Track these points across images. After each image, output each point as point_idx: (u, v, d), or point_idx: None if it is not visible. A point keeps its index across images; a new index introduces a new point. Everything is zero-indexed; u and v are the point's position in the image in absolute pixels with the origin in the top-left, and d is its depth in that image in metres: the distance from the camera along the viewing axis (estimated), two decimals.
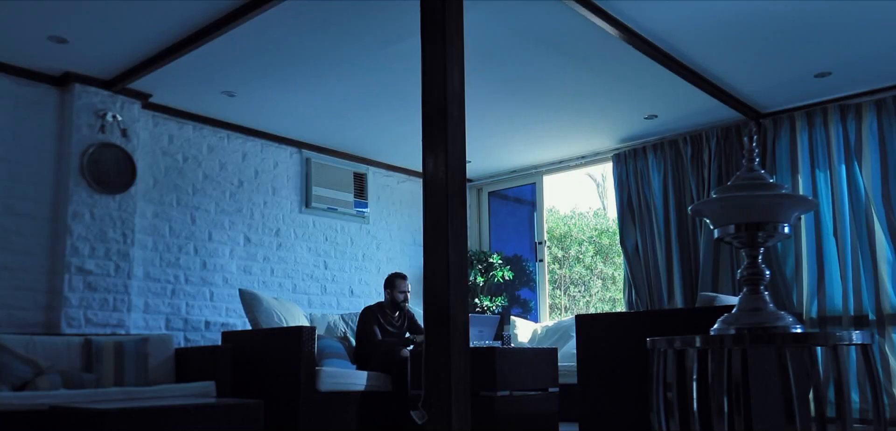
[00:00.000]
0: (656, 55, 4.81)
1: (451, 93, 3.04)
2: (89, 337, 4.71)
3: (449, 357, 2.86)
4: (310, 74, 5.18)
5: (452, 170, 2.99)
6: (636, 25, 4.48)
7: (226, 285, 5.98)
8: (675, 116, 6.10)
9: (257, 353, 4.94)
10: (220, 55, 4.85)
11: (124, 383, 4.57)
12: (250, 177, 6.29)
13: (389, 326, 5.53)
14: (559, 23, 4.42)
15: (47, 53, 4.77)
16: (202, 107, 5.79)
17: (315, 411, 4.61)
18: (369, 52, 4.81)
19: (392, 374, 5.09)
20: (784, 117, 5.88)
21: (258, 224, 6.29)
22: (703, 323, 3.41)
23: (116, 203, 5.22)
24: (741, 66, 5.10)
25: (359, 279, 7.05)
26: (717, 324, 1.84)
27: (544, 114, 6.09)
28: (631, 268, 6.62)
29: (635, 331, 3.67)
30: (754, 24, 4.47)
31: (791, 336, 1.67)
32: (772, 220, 1.83)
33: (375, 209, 7.29)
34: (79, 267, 4.99)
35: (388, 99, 5.68)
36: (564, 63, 5.04)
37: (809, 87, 5.45)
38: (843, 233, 5.50)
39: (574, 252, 10.76)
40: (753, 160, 1.97)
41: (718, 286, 6.00)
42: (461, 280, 2.94)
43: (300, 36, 4.59)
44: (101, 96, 5.20)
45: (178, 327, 5.66)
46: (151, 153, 5.65)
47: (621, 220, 6.74)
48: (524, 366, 4.55)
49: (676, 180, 6.43)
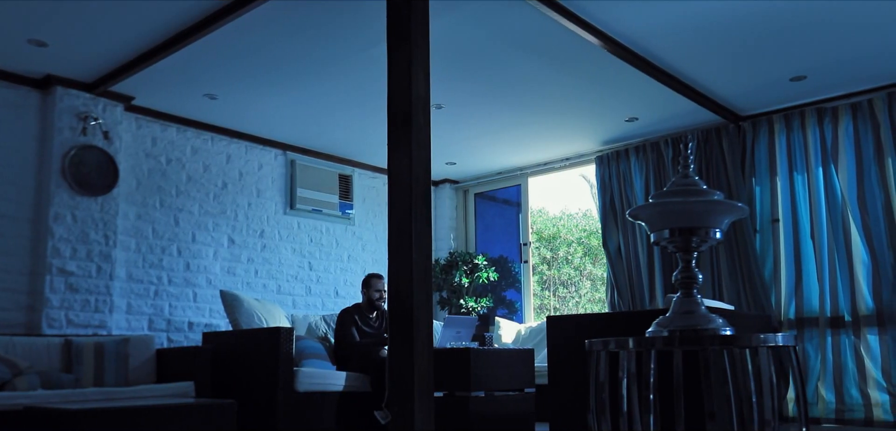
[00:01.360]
0: (632, 60, 4.86)
1: (415, 97, 3.08)
2: (69, 338, 4.75)
3: (412, 357, 2.90)
4: (292, 77, 5.22)
5: (416, 173, 3.03)
6: (611, 30, 4.53)
7: (209, 286, 6.02)
8: (656, 119, 6.15)
9: (236, 354, 4.98)
10: (202, 58, 4.89)
11: (104, 384, 4.61)
12: (235, 178, 6.33)
13: (367, 327, 5.58)
14: (536, 28, 4.47)
15: (28, 56, 4.81)
16: (185, 109, 5.83)
17: (293, 411, 4.65)
18: (346, 55, 4.85)
19: (370, 375, 5.13)
20: (763, 120, 5.93)
21: (242, 225, 6.34)
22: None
23: (98, 205, 5.26)
24: (719, 69, 5.14)
25: (344, 280, 7.09)
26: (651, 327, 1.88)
27: (528, 117, 6.14)
28: (613, 270, 6.67)
29: (605, 333, 3.71)
30: (729, 27, 4.51)
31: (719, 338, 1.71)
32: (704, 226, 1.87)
33: (361, 210, 7.34)
34: (60, 268, 5.03)
35: (371, 101, 5.72)
36: (545, 67, 5.09)
37: (786, 91, 5.50)
38: (820, 236, 5.55)
39: (563, 253, 10.80)
40: (688, 166, 2.02)
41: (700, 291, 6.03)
42: (425, 280, 2.98)
43: (280, 39, 4.63)
44: (83, 99, 5.24)
45: (161, 328, 5.70)
46: (134, 155, 5.69)
47: (604, 222, 6.78)
48: (500, 367, 4.59)
49: (658, 182, 6.47)
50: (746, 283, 5.78)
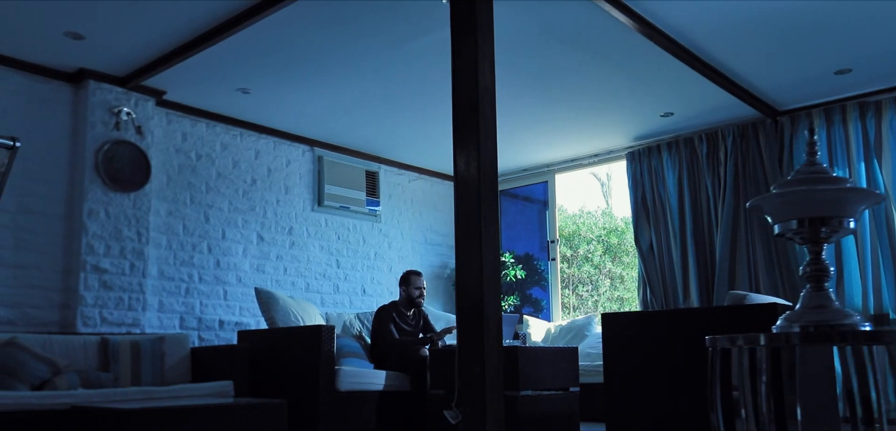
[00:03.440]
0: (675, 50, 4.77)
1: (482, 89, 2.99)
2: (106, 337, 4.66)
3: (483, 355, 2.82)
4: (325, 71, 5.14)
5: (484, 167, 2.95)
6: (655, 19, 4.44)
7: (239, 284, 5.93)
8: (692, 114, 6.06)
9: (275, 352, 4.90)
10: (236, 52, 4.80)
11: (141, 383, 4.53)
12: (263, 174, 6.24)
13: (405, 325, 5.49)
14: (578, 17, 4.38)
15: (63, 50, 4.72)
16: (215, 104, 5.74)
17: (335, 410, 4.57)
18: (388, 48, 4.77)
19: (410, 374, 5.04)
20: (801, 115, 5.84)
21: (271, 222, 6.25)
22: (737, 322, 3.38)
23: (131, 201, 5.17)
24: (760, 62, 5.06)
25: (371, 278, 7.01)
26: (779, 322, 1.80)
27: (559, 112, 6.05)
28: (645, 267, 6.58)
29: (664, 330, 3.63)
30: (775, 19, 4.43)
31: (862, 334, 1.63)
32: (836, 215, 1.79)
33: (387, 207, 7.25)
34: (94, 265, 4.94)
35: (402, 96, 5.64)
36: (582, 59, 5.00)
37: (829, 84, 5.41)
38: (863, 232, 5.46)
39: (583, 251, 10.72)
40: (814, 153, 1.94)
41: (735, 285, 5.96)
42: (494, 277, 2.89)
43: (315, 33, 4.55)
44: (116, 93, 5.15)
45: (193, 326, 5.61)
46: (165, 151, 5.60)
47: (635, 219, 6.69)
48: (546, 365, 4.51)
49: (692, 179, 6.39)
50: (785, 279, 5.70)
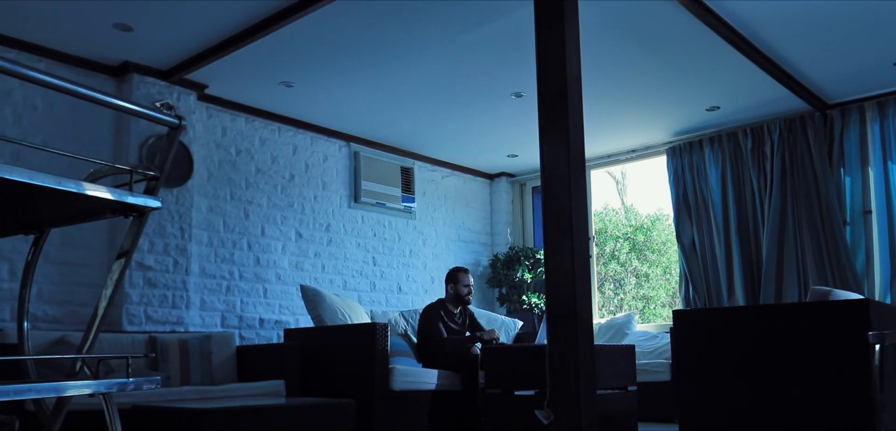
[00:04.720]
0: (732, 38, 4.65)
1: (570, 77, 2.89)
2: (153, 335, 4.57)
3: (577, 353, 2.72)
4: (367, 66, 5.05)
5: (574, 155, 2.85)
6: (716, 6, 4.33)
7: (278, 282, 5.83)
8: (738, 107, 5.96)
9: (325, 351, 4.80)
10: (280, 46, 4.72)
11: (190, 382, 4.43)
12: (301, 170, 6.15)
13: (452, 323, 5.39)
14: (641, 6, 4.28)
15: (109, 42, 4.63)
16: (255, 98, 5.65)
17: (389, 410, 4.47)
18: (429, 44, 4.69)
19: (461, 372, 4.94)
20: (853, 108, 5.74)
21: (309, 219, 6.15)
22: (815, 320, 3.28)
23: (174, 196, 5.08)
24: (817, 51, 4.96)
25: (406, 276, 6.90)
26: None
27: (599, 106, 5.92)
28: (688, 264, 6.48)
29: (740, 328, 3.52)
30: (835, 9, 4.34)
31: None
32: None
33: (421, 204, 7.15)
34: (139, 262, 4.85)
35: (441, 92, 5.55)
36: (634, 51, 4.89)
37: (885, 76, 5.31)
38: None
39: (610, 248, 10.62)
40: None
41: (783, 283, 5.86)
42: (585, 273, 2.80)
43: (362, 26, 4.47)
44: (159, 87, 5.06)
45: (234, 324, 5.52)
46: (205, 145, 5.50)
47: (677, 215, 6.59)
48: (605, 364, 4.41)
49: (736, 174, 6.28)
50: (836, 276, 5.59)
